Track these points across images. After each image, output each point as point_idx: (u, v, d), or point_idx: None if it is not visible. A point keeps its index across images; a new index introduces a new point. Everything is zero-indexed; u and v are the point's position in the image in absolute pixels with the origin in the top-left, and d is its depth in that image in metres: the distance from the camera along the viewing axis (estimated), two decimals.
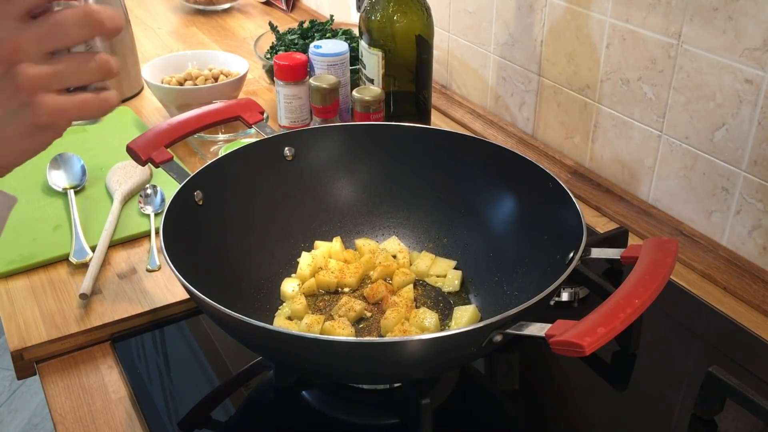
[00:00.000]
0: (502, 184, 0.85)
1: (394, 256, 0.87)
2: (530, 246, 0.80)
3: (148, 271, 0.90)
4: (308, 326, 0.76)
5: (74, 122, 0.55)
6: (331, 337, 0.63)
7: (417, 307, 0.81)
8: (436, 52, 1.35)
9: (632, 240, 0.97)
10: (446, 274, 0.85)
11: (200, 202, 0.80)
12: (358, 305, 0.80)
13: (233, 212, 0.84)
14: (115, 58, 0.54)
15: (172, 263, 0.67)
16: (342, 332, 0.75)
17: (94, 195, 1.03)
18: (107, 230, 0.93)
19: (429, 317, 0.77)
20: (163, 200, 1.00)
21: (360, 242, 0.89)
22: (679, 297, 0.87)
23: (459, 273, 0.85)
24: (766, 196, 0.87)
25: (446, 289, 0.85)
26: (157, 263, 0.91)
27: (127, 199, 1.01)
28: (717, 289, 0.89)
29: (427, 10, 1.08)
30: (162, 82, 1.26)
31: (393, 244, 0.89)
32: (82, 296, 0.83)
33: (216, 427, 0.73)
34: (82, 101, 0.52)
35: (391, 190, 0.91)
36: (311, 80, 1.08)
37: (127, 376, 0.77)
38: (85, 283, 0.84)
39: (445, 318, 0.81)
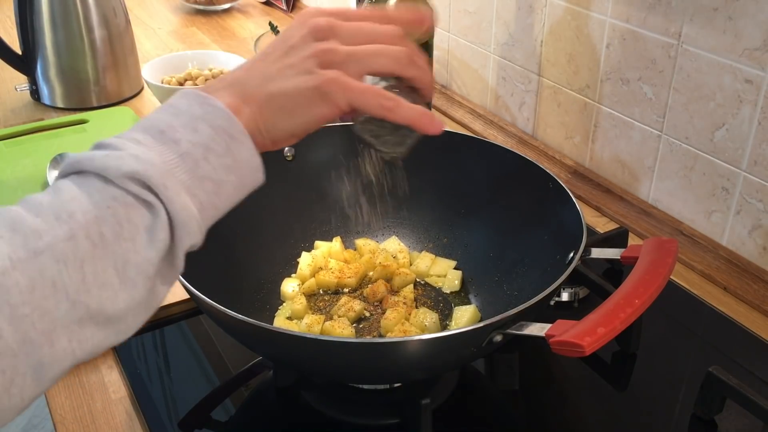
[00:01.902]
0: (502, 184, 0.85)
1: (394, 256, 0.87)
2: (530, 246, 0.80)
3: None
4: (308, 326, 0.76)
5: (390, 152, 0.56)
6: (331, 337, 0.64)
7: (417, 307, 0.81)
8: (436, 52, 1.35)
9: (632, 240, 0.97)
10: (446, 274, 0.85)
11: None
12: (358, 305, 0.80)
13: (233, 212, 0.83)
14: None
15: None
16: (342, 332, 0.75)
17: None
18: None
19: (429, 317, 0.77)
20: None
21: (360, 242, 0.89)
22: (679, 297, 0.87)
23: (459, 273, 0.85)
24: (766, 196, 0.87)
25: (446, 289, 0.85)
26: None
27: None
28: (717, 289, 0.89)
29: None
30: (162, 82, 1.26)
31: (393, 244, 0.89)
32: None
33: (216, 427, 0.73)
34: (372, 88, 0.52)
35: (390, 190, 0.91)
36: None
37: (127, 376, 0.77)
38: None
39: (445, 318, 0.81)
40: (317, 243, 0.88)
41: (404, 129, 0.55)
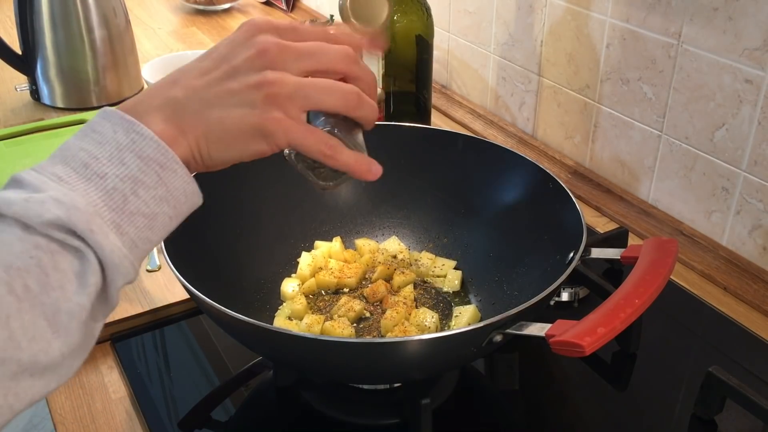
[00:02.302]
0: (502, 184, 0.85)
1: (394, 256, 0.87)
2: (530, 246, 0.80)
3: (148, 271, 0.90)
4: (308, 326, 0.76)
5: (321, 184, 0.55)
6: (331, 337, 0.64)
7: (417, 307, 0.81)
8: (436, 52, 1.35)
9: (632, 240, 0.97)
10: (446, 274, 0.85)
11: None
12: (358, 305, 0.80)
13: (233, 212, 0.84)
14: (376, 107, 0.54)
15: (172, 263, 0.67)
16: (342, 332, 0.75)
17: None
18: None
19: (429, 317, 0.77)
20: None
21: (360, 242, 0.89)
22: (679, 297, 0.87)
23: (459, 273, 0.85)
24: (766, 196, 0.87)
25: (446, 289, 0.85)
26: (157, 263, 0.91)
27: None
28: (717, 289, 0.89)
29: (427, 10, 1.08)
30: None
31: (393, 244, 0.89)
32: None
33: (216, 427, 0.73)
34: (314, 132, 0.50)
35: (391, 190, 0.91)
36: None
37: (127, 376, 0.76)
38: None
39: (445, 318, 0.81)
40: (317, 243, 0.88)
41: None
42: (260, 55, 0.48)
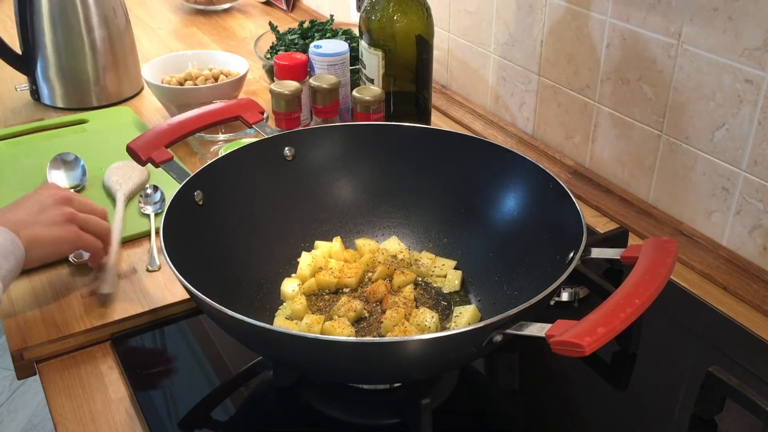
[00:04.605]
0: (502, 184, 0.85)
1: (394, 256, 0.87)
2: (530, 246, 0.80)
3: (148, 271, 0.90)
4: (308, 326, 0.76)
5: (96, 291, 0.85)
6: (331, 337, 0.63)
7: (417, 307, 0.81)
8: (436, 52, 1.35)
9: (632, 240, 0.97)
10: (446, 274, 0.85)
11: (200, 202, 0.80)
12: (358, 305, 0.80)
13: (233, 212, 0.84)
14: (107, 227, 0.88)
15: (172, 263, 0.67)
16: (342, 332, 0.75)
17: (94, 195, 1.03)
18: (117, 229, 0.92)
19: (429, 317, 0.77)
20: (163, 200, 1.00)
21: (360, 242, 0.89)
22: (679, 297, 0.87)
23: (459, 273, 0.85)
24: (766, 196, 0.87)
25: (446, 289, 0.85)
26: (157, 263, 0.91)
27: (129, 198, 1.01)
28: (717, 289, 0.89)
29: (427, 10, 1.08)
30: (162, 82, 1.26)
31: (393, 244, 0.89)
32: (105, 295, 0.85)
33: (216, 427, 0.73)
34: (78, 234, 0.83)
35: (391, 190, 0.91)
36: (311, 80, 1.08)
37: (127, 376, 0.77)
38: (108, 282, 0.85)
39: (445, 318, 0.81)
40: (317, 243, 0.88)
41: None
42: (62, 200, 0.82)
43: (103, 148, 1.14)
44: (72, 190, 0.85)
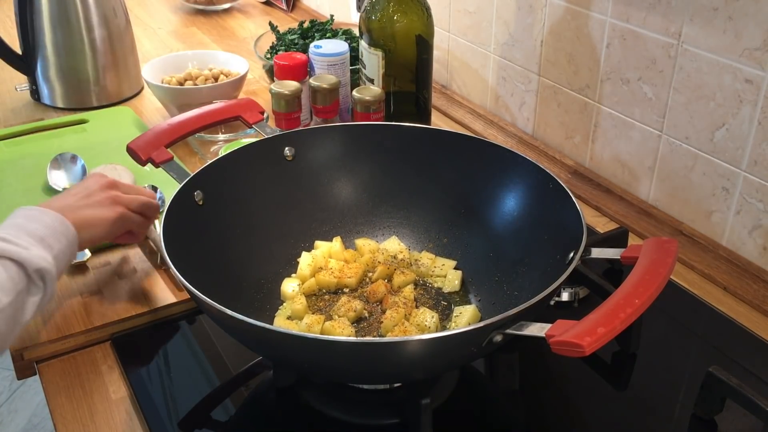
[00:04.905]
0: (502, 184, 0.85)
1: (394, 257, 0.87)
2: (530, 246, 0.80)
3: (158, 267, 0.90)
4: (308, 326, 0.76)
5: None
6: (331, 337, 0.63)
7: (417, 307, 0.81)
8: (436, 52, 1.35)
9: (632, 240, 0.97)
10: (446, 274, 0.85)
11: (200, 202, 0.80)
12: (358, 305, 0.80)
13: (233, 212, 0.84)
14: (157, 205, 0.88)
15: (172, 263, 0.67)
16: (342, 332, 0.75)
17: None
18: None
19: (429, 317, 0.77)
20: (163, 200, 1.00)
21: (360, 242, 0.89)
22: (679, 297, 0.87)
23: (459, 273, 0.85)
24: (766, 196, 0.87)
25: (446, 289, 0.85)
26: (158, 263, 0.91)
27: None
28: (717, 289, 0.89)
29: (427, 10, 1.08)
30: (162, 82, 1.26)
31: (393, 244, 0.89)
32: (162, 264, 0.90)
33: (216, 427, 0.73)
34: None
35: (391, 190, 0.91)
36: (311, 80, 1.08)
37: (127, 376, 0.77)
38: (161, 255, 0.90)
39: (445, 318, 0.81)
40: (317, 243, 0.88)
41: None
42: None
43: (103, 148, 1.14)
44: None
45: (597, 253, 0.70)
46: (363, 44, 1.11)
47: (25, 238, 0.68)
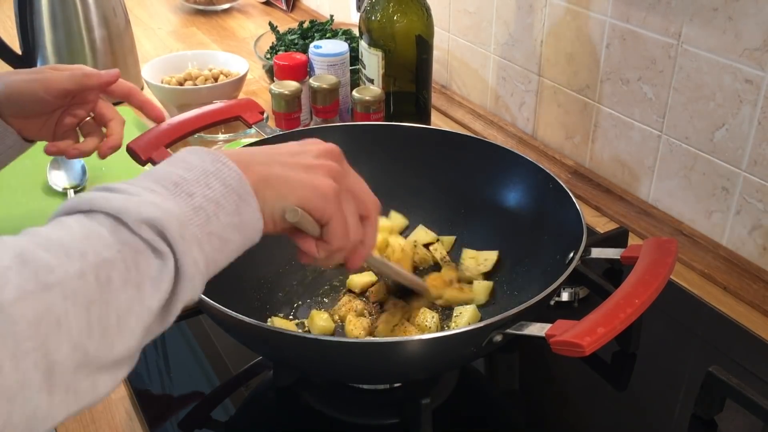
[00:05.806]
0: (502, 185, 0.85)
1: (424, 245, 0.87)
2: (530, 246, 0.80)
3: None
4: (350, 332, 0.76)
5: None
6: (331, 337, 0.64)
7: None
8: (436, 52, 1.35)
9: (632, 240, 0.97)
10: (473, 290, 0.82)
11: None
12: (358, 305, 0.80)
13: None
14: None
15: None
16: (359, 333, 0.75)
17: None
18: None
19: (429, 317, 0.77)
20: None
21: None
22: (679, 297, 0.87)
23: (489, 284, 0.82)
24: (766, 196, 0.87)
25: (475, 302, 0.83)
26: None
27: None
28: (717, 289, 0.89)
29: (427, 10, 1.08)
30: (162, 82, 1.26)
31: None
32: None
33: (216, 427, 0.73)
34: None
35: (391, 190, 0.91)
36: (311, 80, 1.08)
37: (127, 376, 0.76)
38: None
39: (445, 318, 0.81)
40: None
41: None
42: (326, 153, 0.60)
43: None
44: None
45: (597, 253, 0.70)
46: (363, 44, 1.11)
47: (146, 183, 0.47)
